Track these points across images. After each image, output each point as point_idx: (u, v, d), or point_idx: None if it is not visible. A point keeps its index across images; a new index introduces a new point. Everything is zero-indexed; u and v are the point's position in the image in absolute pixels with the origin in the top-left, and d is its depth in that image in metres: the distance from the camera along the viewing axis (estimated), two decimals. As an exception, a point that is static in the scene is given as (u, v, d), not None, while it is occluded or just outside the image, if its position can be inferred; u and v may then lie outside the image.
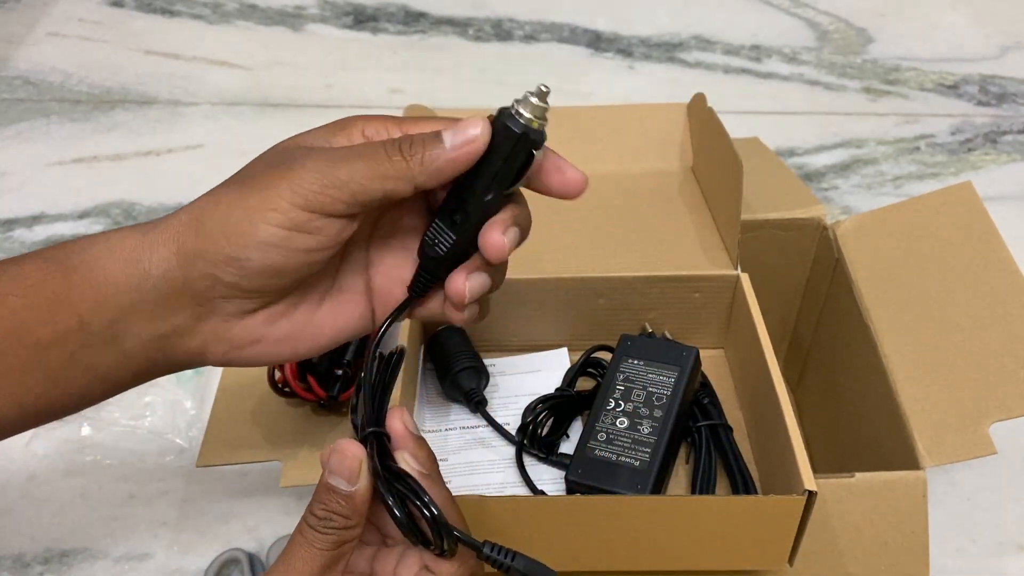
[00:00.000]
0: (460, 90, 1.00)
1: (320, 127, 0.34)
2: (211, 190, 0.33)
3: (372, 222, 0.34)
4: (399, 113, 0.59)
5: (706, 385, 0.51)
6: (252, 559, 0.53)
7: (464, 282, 0.33)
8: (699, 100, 0.60)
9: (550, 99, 0.31)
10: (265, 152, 0.34)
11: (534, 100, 0.31)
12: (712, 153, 0.56)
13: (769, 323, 0.48)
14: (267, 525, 0.56)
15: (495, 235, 0.32)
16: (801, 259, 0.59)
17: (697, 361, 0.48)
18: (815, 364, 0.60)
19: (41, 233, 0.81)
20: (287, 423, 0.48)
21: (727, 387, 0.53)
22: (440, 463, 0.37)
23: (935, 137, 0.93)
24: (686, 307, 0.53)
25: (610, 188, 0.59)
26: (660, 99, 0.65)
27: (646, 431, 0.45)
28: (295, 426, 0.49)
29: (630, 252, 0.53)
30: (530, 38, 1.08)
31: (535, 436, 0.48)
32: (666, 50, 1.06)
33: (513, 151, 0.31)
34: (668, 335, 0.53)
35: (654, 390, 0.47)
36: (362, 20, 1.11)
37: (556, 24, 1.10)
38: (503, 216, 0.32)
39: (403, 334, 0.48)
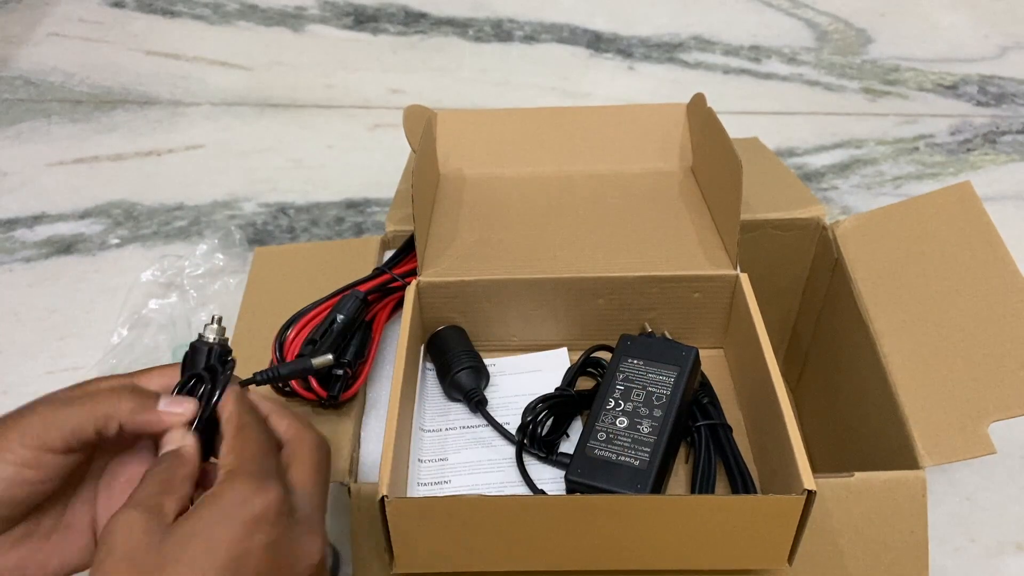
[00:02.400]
0: (460, 90, 1.00)
1: (61, 401, 0.37)
2: None
3: (102, 464, 0.38)
4: (399, 113, 0.60)
5: (706, 385, 0.51)
6: (253, 558, 0.53)
7: None
8: (699, 100, 0.60)
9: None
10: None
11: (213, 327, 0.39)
12: (712, 153, 0.56)
13: (768, 323, 0.48)
14: (267, 525, 0.57)
15: None
16: (800, 259, 0.59)
17: (697, 361, 0.49)
18: (814, 364, 0.60)
19: (42, 233, 0.81)
20: (287, 423, 0.48)
21: (726, 387, 0.53)
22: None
23: (934, 137, 0.93)
24: (686, 307, 0.53)
25: (610, 188, 0.59)
26: (660, 99, 0.65)
27: (646, 430, 0.45)
28: (295, 426, 0.49)
29: (630, 252, 0.53)
30: (530, 38, 1.08)
31: (535, 436, 0.48)
32: (666, 50, 1.06)
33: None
34: (668, 335, 0.53)
35: (654, 390, 0.47)
36: (362, 20, 1.11)
37: (556, 24, 1.10)
38: None
39: (404, 334, 0.48)
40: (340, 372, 0.49)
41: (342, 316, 0.49)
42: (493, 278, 0.52)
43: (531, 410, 0.49)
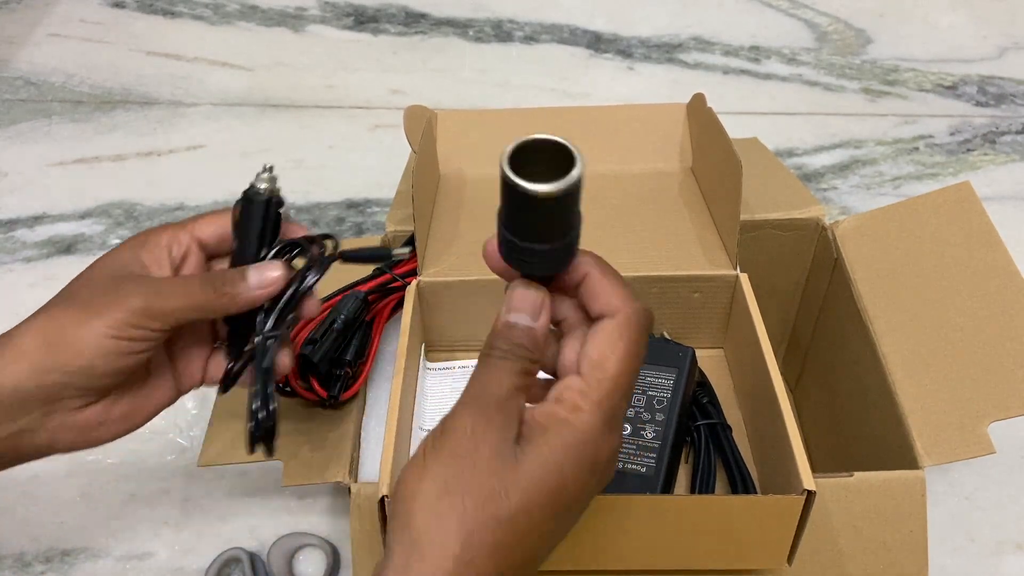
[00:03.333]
0: (460, 90, 1.00)
1: (126, 244, 0.41)
2: (45, 309, 0.39)
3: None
4: (399, 113, 0.60)
5: (705, 384, 0.51)
6: (253, 558, 0.54)
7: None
8: (699, 100, 0.60)
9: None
10: (86, 274, 0.40)
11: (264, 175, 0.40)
12: (712, 153, 0.56)
13: (768, 323, 0.48)
14: (268, 524, 0.57)
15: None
16: (800, 259, 0.59)
17: (694, 360, 0.49)
18: (814, 364, 0.60)
19: (42, 233, 0.81)
20: (288, 423, 0.48)
21: (726, 387, 0.53)
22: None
23: (934, 138, 0.93)
24: (685, 307, 0.53)
25: (610, 188, 0.59)
26: (659, 100, 0.65)
27: (650, 436, 0.45)
28: (296, 426, 0.49)
29: (630, 252, 0.53)
30: (530, 39, 1.08)
31: None
32: (665, 51, 1.07)
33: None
34: (667, 335, 0.53)
35: (654, 393, 0.47)
36: (363, 21, 1.11)
37: (556, 25, 1.11)
38: None
39: (404, 334, 0.48)
40: (340, 372, 0.49)
41: (342, 316, 0.49)
42: (493, 278, 0.51)
43: None
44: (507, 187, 0.29)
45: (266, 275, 0.39)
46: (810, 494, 0.38)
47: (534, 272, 0.33)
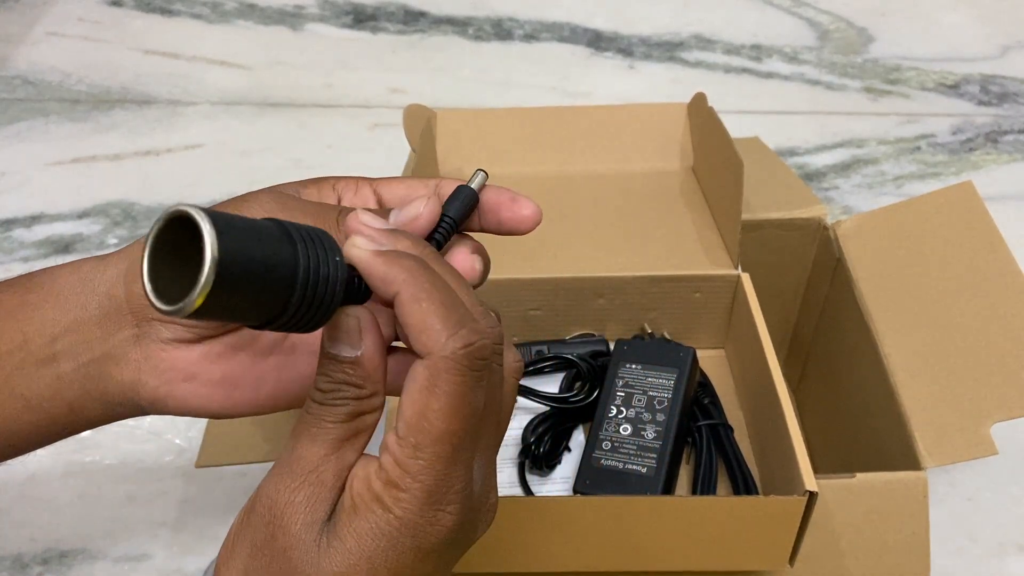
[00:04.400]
0: (460, 90, 1.00)
1: (297, 181, 0.33)
2: None
3: None
4: (399, 113, 0.59)
5: (706, 385, 0.51)
6: (251, 560, 0.53)
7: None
8: (700, 100, 0.60)
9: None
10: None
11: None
12: (713, 153, 0.56)
13: (770, 323, 0.48)
14: (266, 525, 0.56)
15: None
16: (802, 259, 0.58)
17: (695, 361, 0.48)
18: (816, 364, 0.60)
19: (40, 233, 0.81)
20: (287, 423, 0.48)
21: (727, 387, 0.53)
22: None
23: (936, 137, 0.93)
24: (686, 307, 0.53)
25: (610, 188, 0.59)
26: (660, 98, 0.65)
27: (650, 436, 0.45)
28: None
29: (630, 252, 0.53)
30: (530, 37, 1.08)
31: (537, 456, 0.47)
32: (666, 49, 1.06)
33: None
34: (668, 335, 0.53)
35: (655, 394, 0.47)
36: (362, 19, 1.11)
37: (556, 23, 1.10)
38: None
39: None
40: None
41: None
42: (493, 278, 0.51)
43: (532, 430, 0.48)
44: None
45: (410, 212, 0.30)
46: (812, 495, 0.37)
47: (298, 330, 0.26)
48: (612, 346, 0.51)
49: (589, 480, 0.44)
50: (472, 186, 0.32)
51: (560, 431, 0.49)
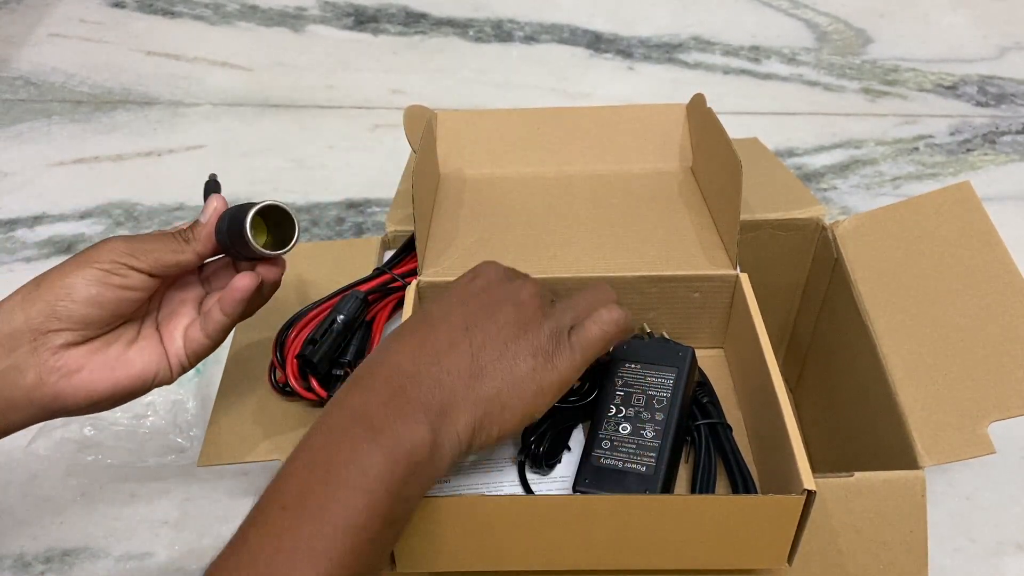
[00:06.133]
0: (460, 91, 1.00)
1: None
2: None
3: (159, 298, 0.46)
4: (399, 113, 0.60)
5: (705, 384, 0.51)
6: (253, 558, 0.53)
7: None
8: (699, 100, 0.60)
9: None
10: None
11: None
12: (712, 153, 0.56)
13: (768, 323, 0.48)
14: (268, 524, 0.57)
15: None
16: (800, 259, 0.59)
17: (693, 360, 0.48)
18: (814, 364, 0.60)
19: (43, 233, 0.81)
20: (288, 423, 0.48)
21: (726, 387, 0.53)
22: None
23: (934, 138, 0.93)
24: (685, 307, 0.53)
25: (610, 188, 0.59)
26: (659, 99, 0.66)
27: (649, 435, 0.45)
28: (296, 426, 0.49)
29: (630, 252, 0.53)
30: (530, 39, 1.08)
31: (537, 455, 0.47)
32: (665, 51, 1.07)
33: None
34: (666, 335, 0.53)
35: (654, 393, 0.47)
36: (363, 21, 1.11)
37: (556, 25, 1.11)
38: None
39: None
40: (340, 372, 0.49)
41: (342, 316, 0.49)
42: (493, 278, 0.52)
43: (532, 429, 0.49)
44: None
45: (208, 208, 0.45)
46: (810, 494, 0.38)
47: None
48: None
49: (588, 479, 0.44)
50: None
51: (560, 430, 0.49)
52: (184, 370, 0.46)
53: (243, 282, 0.44)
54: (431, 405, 0.36)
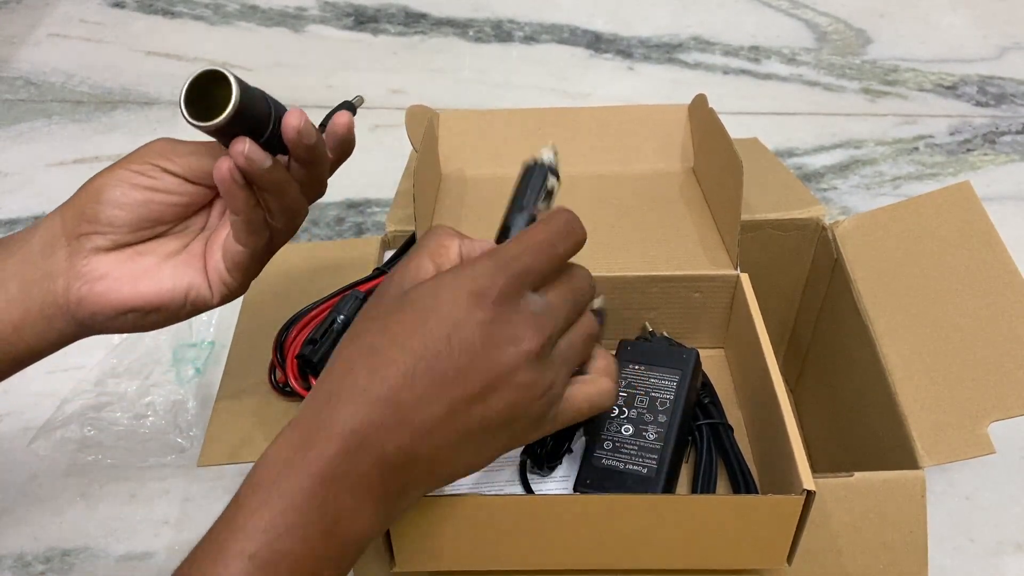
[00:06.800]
0: (460, 91, 1.00)
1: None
2: None
3: (219, 216, 0.44)
4: (399, 114, 0.60)
5: (707, 384, 0.51)
6: (253, 558, 0.53)
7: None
8: (700, 101, 0.60)
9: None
10: None
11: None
12: (713, 154, 0.56)
13: (768, 323, 0.48)
14: (268, 524, 0.57)
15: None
16: (800, 259, 0.59)
17: (698, 363, 0.49)
18: (814, 364, 0.60)
19: (42, 233, 0.81)
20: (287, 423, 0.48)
21: (727, 387, 0.53)
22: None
23: (934, 138, 0.93)
24: (686, 307, 0.53)
25: (611, 188, 0.59)
26: (659, 100, 0.66)
27: (652, 437, 0.45)
28: (296, 426, 0.49)
29: (630, 252, 0.53)
30: (530, 39, 1.08)
31: (538, 456, 0.47)
32: (665, 51, 1.07)
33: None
34: (667, 335, 0.53)
35: (657, 395, 0.47)
36: (363, 21, 1.11)
37: (556, 25, 1.11)
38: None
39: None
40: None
41: (342, 316, 0.49)
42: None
43: None
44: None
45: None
46: (810, 494, 0.38)
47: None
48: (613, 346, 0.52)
49: (590, 479, 0.44)
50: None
51: (562, 431, 0.49)
52: (228, 292, 0.43)
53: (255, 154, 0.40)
54: (389, 491, 0.33)
